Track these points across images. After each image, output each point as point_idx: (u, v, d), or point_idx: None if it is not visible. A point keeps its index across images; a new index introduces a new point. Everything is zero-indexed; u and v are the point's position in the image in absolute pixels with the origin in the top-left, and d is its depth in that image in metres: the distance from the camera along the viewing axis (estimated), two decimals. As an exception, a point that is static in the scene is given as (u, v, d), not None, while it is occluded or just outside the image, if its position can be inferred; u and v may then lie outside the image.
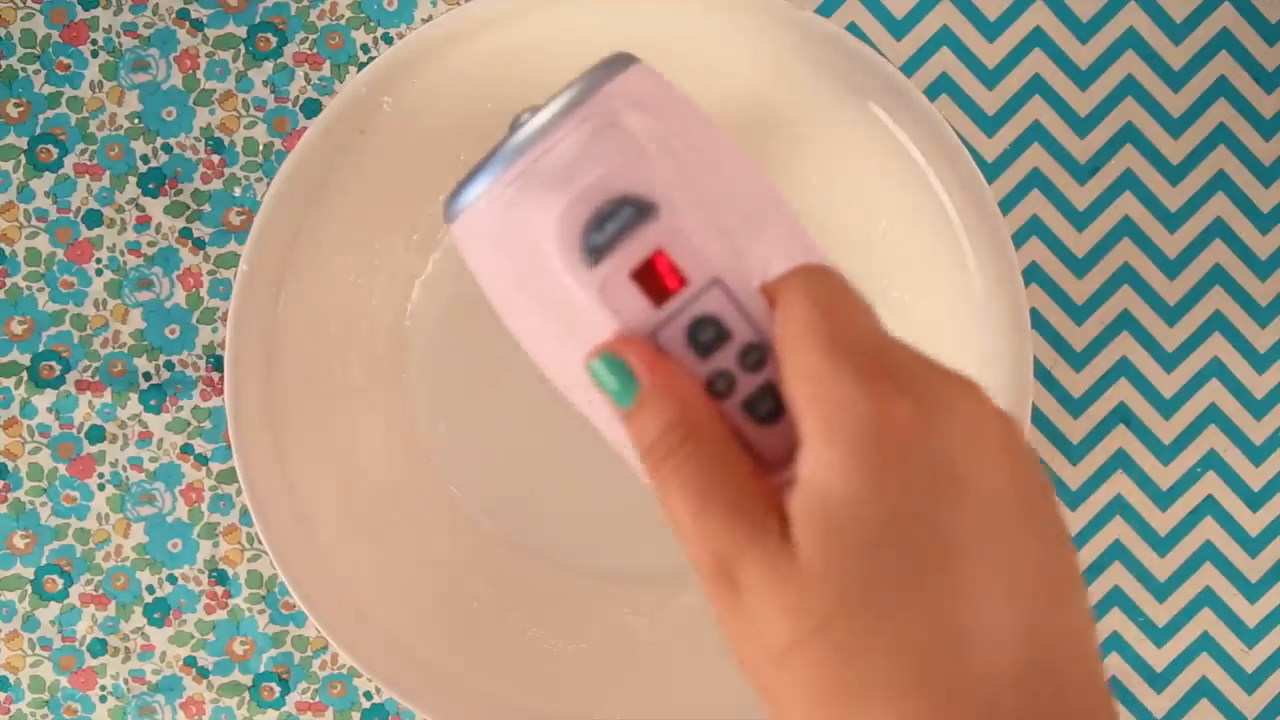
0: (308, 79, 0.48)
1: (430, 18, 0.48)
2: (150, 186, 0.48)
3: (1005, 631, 0.23)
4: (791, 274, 0.27)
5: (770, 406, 0.27)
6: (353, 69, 0.48)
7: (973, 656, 0.23)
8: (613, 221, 0.26)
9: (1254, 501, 0.50)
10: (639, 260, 0.26)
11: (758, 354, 0.27)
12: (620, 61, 0.28)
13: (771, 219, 0.28)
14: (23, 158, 0.48)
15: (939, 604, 0.23)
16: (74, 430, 0.48)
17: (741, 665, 0.25)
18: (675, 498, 0.25)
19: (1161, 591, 0.50)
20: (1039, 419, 0.49)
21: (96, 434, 0.48)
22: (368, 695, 0.49)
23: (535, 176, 0.27)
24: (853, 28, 0.48)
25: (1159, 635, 0.50)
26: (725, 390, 0.27)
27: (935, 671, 0.23)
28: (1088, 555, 0.49)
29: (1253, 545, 0.50)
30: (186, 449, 0.49)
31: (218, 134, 0.48)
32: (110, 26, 0.48)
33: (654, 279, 0.26)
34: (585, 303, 0.27)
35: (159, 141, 0.48)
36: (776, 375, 0.26)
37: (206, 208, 0.48)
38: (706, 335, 0.26)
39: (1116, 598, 0.50)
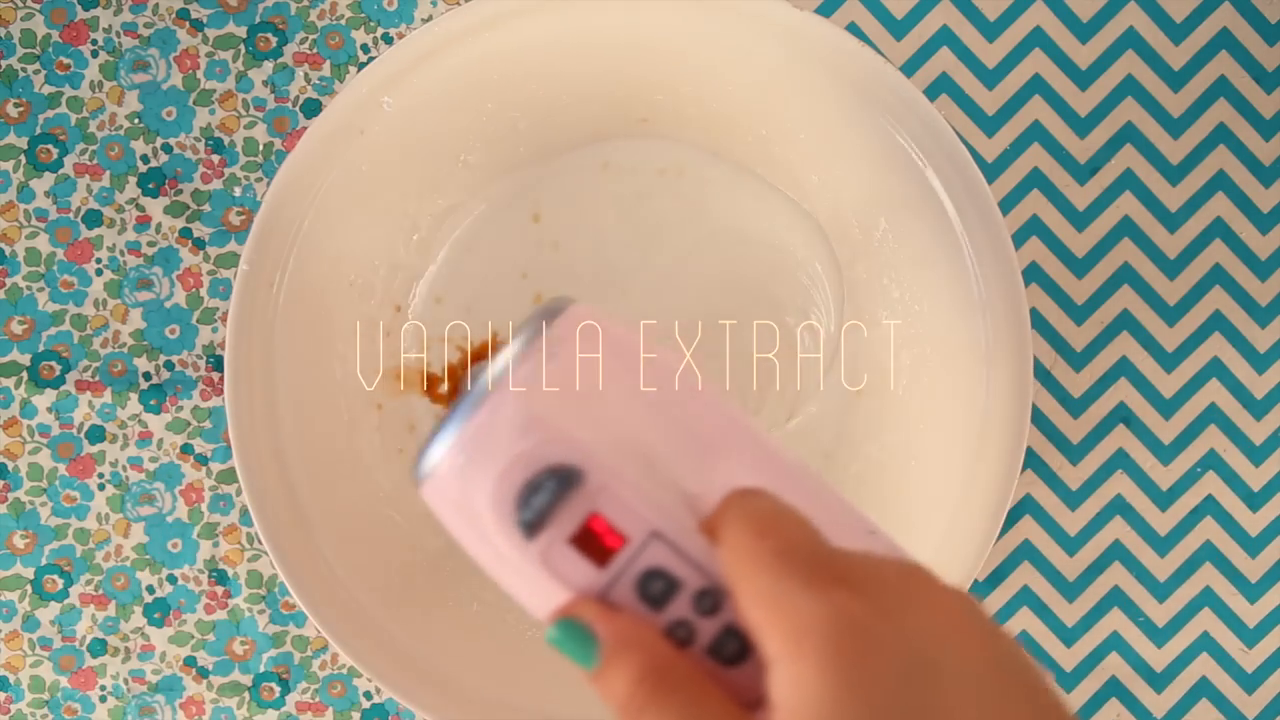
0: (308, 79, 0.48)
1: (430, 18, 0.48)
2: (150, 186, 0.48)
3: None
4: (724, 505, 0.26)
5: (735, 647, 0.26)
6: (353, 69, 0.48)
7: None
8: (540, 494, 0.26)
9: (1254, 501, 0.50)
10: (575, 526, 0.26)
11: (711, 598, 0.26)
12: (557, 305, 0.28)
13: (725, 438, 0.28)
14: (23, 158, 0.48)
15: None
16: (74, 430, 0.48)
17: None
18: None
19: (1161, 591, 0.50)
20: (1039, 419, 0.49)
21: (96, 434, 0.48)
22: (368, 695, 0.49)
23: (476, 446, 0.27)
24: (853, 28, 0.48)
25: (1159, 635, 0.50)
26: (686, 638, 0.26)
27: None
28: (1088, 555, 0.49)
29: (1253, 545, 0.50)
30: (186, 449, 0.49)
31: (218, 134, 0.48)
32: (110, 26, 0.48)
33: (593, 541, 0.26)
34: (532, 573, 0.27)
35: (159, 141, 0.48)
36: (735, 614, 0.26)
37: (206, 208, 0.48)
38: (656, 588, 0.26)
39: (1116, 598, 0.50)
